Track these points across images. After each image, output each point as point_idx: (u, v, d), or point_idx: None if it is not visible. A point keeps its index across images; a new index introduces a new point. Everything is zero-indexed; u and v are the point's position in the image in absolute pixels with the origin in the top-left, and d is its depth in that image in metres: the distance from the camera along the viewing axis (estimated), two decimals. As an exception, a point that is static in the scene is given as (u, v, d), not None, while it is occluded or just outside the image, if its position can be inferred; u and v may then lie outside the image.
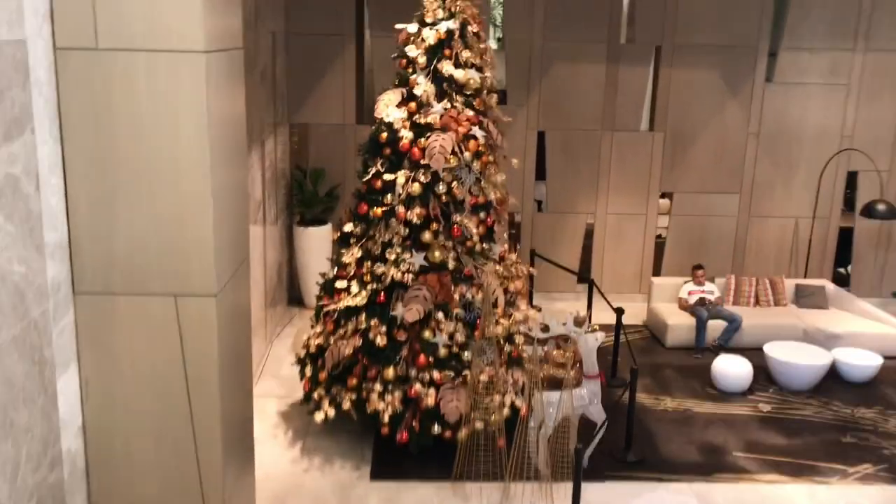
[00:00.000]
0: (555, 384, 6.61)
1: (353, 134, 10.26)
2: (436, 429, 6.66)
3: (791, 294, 10.14)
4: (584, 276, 10.27)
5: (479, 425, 6.59)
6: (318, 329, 7.21)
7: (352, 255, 6.98)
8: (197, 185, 3.73)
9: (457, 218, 6.80)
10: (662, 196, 11.03)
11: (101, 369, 3.87)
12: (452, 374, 6.73)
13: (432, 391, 6.63)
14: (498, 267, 7.14)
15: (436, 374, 6.66)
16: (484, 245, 7.08)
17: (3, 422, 3.13)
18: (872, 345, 9.06)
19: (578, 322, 6.94)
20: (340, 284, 6.98)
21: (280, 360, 8.84)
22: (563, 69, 10.41)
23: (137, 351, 3.86)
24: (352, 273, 6.99)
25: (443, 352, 6.71)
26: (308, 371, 7.24)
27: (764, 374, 8.67)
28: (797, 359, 8.46)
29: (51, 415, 3.54)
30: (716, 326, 9.46)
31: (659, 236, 11.15)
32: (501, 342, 6.90)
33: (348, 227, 7.08)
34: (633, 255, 10.99)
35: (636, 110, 10.59)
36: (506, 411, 6.70)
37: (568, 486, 6.43)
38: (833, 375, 8.68)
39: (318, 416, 6.82)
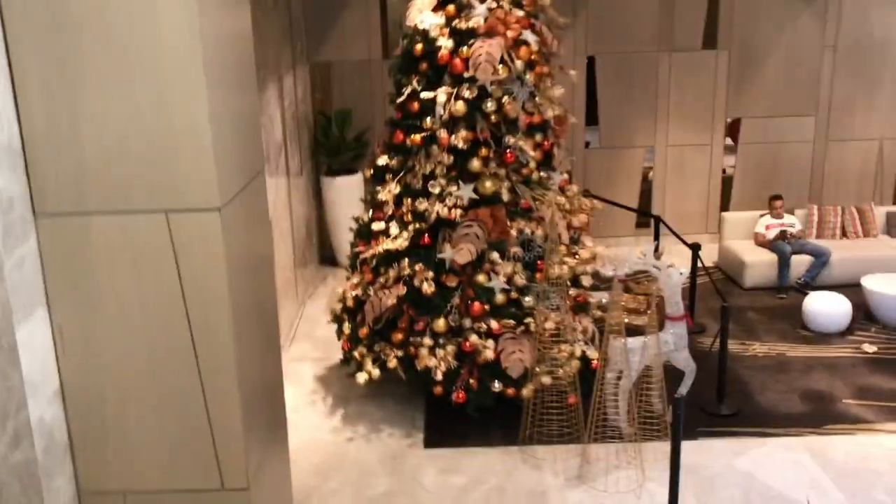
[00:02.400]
0: (627, 332, 5.64)
1: (381, 70, 9.24)
2: (497, 386, 5.75)
3: (882, 223, 9.01)
4: (647, 213, 9.19)
5: (546, 380, 5.65)
6: (355, 280, 6.29)
7: (388, 191, 6.02)
8: (187, 67, 2.77)
9: (510, 140, 5.81)
10: (726, 134, 9.89)
11: (80, 314, 2.96)
12: (513, 322, 5.78)
13: (491, 343, 5.71)
14: (560, 198, 6.14)
15: (494, 324, 5.72)
16: (542, 173, 6.08)
17: (-71, 382, 2.23)
18: (984, 274, 7.93)
19: (657, 256, 5.94)
20: (377, 227, 6.04)
21: (314, 321, 7.97)
22: (611, -16, 9.29)
23: (124, 288, 2.95)
24: (390, 213, 6.05)
25: (500, 298, 5.77)
26: (346, 328, 6.34)
27: (862, 312, 7.60)
28: (902, 292, 7.39)
29: (9, 374, 2.64)
30: (799, 262, 8.39)
31: (724, 171, 10.03)
32: (568, 284, 5.92)
33: (382, 161, 6.12)
34: (698, 191, 9.90)
35: (697, 27, 9.43)
36: (575, 363, 5.74)
37: (655, 447, 5.52)
38: (943, 309, 7.58)
39: (361, 378, 5.93)
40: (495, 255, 5.77)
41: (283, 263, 7.62)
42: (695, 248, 7.38)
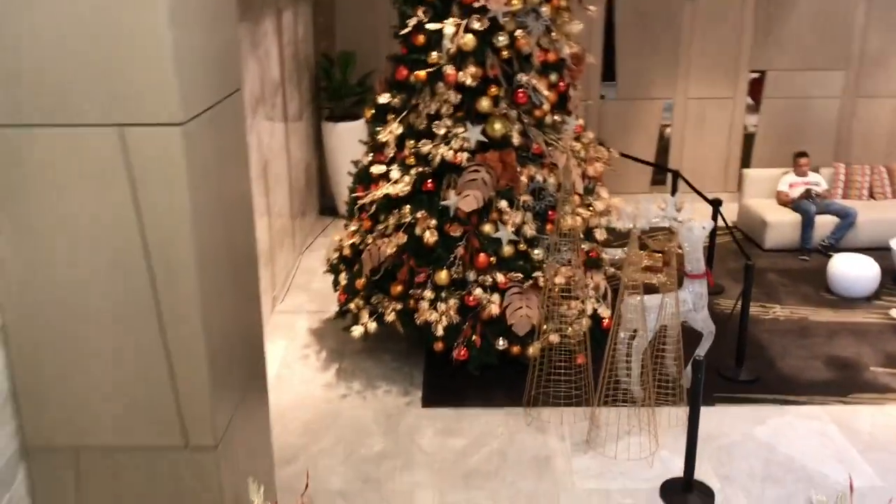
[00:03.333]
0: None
1: (387, 10, 8.69)
2: (501, 343, 5.37)
3: (912, 184, 8.54)
4: (664, 168, 8.71)
5: (554, 338, 5.27)
6: (353, 227, 5.89)
7: (390, 132, 5.58)
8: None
9: (522, 78, 5.34)
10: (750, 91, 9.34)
11: (22, 243, 2.56)
12: (521, 276, 5.39)
13: (496, 297, 5.33)
14: (575, 144, 5.69)
15: (500, 277, 5.33)
16: (556, 117, 5.63)
17: None
18: None
19: (677, 209, 5.50)
20: (377, 170, 5.61)
21: (311, 273, 7.59)
22: (634, -78, 8.72)
23: (72, 215, 2.54)
24: (391, 155, 5.61)
25: (508, 249, 5.37)
26: (343, 279, 5.96)
27: (890, 276, 7.16)
28: (936, 255, 6.96)
29: (-69, 310, 2.26)
30: (824, 223, 7.95)
31: (745, 128, 9.52)
32: (581, 237, 5.50)
33: (384, 99, 5.67)
34: (718, 147, 9.40)
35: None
36: (585, 321, 5.36)
37: (669, 412, 5.15)
38: (976, 276, 7.15)
39: (356, 332, 5.55)
40: (503, 204, 5.35)
41: (280, 211, 7.22)
42: (716, 203, 6.95)
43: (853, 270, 6.92)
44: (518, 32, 5.23)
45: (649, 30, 8.99)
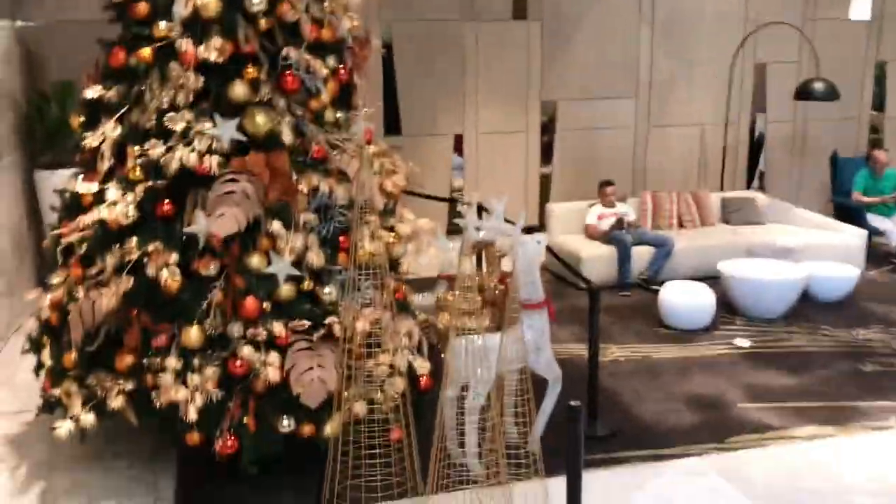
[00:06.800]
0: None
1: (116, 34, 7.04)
2: (286, 423, 3.78)
3: (717, 211, 8.08)
4: (458, 201, 7.60)
5: (359, 408, 3.79)
6: (58, 278, 4.09)
7: (102, 135, 3.92)
8: None
9: (291, 56, 3.94)
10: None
11: None
12: (307, 324, 3.87)
13: (274, 358, 3.75)
14: (369, 148, 4.34)
15: (278, 328, 3.78)
16: (339, 113, 4.27)
17: None
18: (833, 258, 7.10)
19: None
20: (86, 189, 3.91)
21: (19, 363, 5.52)
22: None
23: None
24: (106, 168, 3.94)
25: (287, 289, 3.86)
26: (47, 358, 4.10)
27: (721, 304, 6.41)
28: (767, 276, 6.32)
29: None
30: (639, 254, 7.18)
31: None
32: (384, 269, 4.09)
33: (93, 93, 4.01)
34: (514, 182, 8.49)
35: (504, -6, 8.16)
36: (399, 381, 3.92)
37: (523, 487, 3.78)
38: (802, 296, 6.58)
39: (62, 430, 3.71)
40: (276, 226, 3.84)
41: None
42: (532, 232, 5.87)
43: (688, 300, 6.12)
44: (279, -8, 3.85)
45: (430, 59, 8.02)
